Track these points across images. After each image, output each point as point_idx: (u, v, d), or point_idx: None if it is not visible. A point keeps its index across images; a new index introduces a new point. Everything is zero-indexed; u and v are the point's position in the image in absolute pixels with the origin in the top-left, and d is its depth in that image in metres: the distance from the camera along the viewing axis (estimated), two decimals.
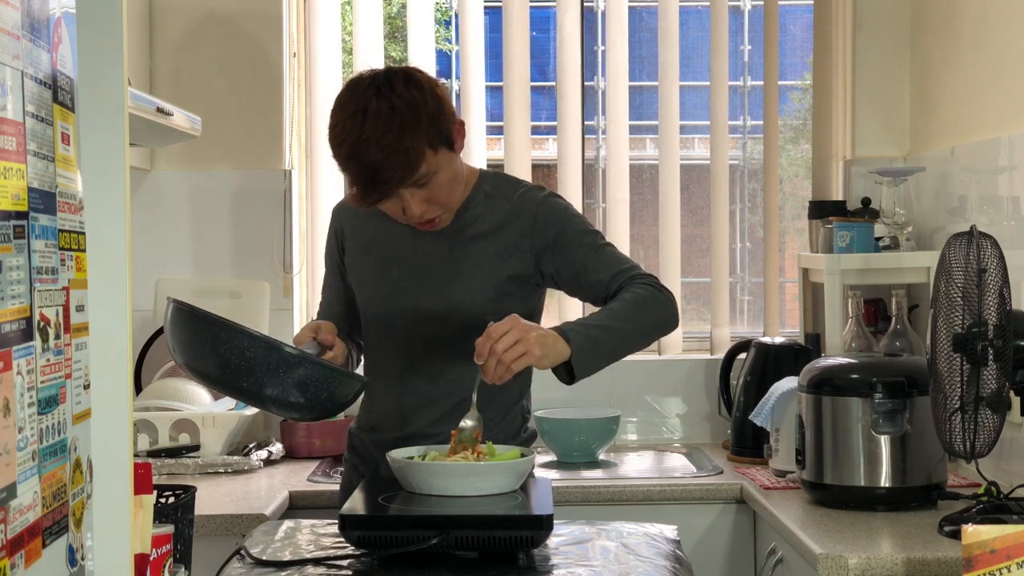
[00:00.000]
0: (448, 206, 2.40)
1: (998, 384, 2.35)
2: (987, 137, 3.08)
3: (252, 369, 2.03)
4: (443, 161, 2.33)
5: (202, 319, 2.06)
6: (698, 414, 3.78)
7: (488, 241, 2.46)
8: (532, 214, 2.45)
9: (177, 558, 1.87)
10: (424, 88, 2.32)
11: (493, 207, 2.48)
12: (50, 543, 1.15)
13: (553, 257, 2.44)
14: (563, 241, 2.43)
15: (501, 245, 2.45)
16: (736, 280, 4.51)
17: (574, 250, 2.43)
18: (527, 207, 2.46)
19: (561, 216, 2.46)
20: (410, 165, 2.27)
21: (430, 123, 2.29)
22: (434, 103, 2.31)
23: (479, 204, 2.49)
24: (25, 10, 1.12)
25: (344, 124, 2.29)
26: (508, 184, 2.54)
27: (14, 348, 1.07)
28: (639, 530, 2.25)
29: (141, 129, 2.94)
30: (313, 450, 3.52)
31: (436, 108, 2.32)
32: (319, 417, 2.22)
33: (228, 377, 2.06)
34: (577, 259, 2.43)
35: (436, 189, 2.34)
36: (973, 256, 2.36)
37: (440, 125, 2.32)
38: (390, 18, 6.41)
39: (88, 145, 1.29)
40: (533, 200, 2.47)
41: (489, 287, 2.44)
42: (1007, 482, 2.53)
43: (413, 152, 2.26)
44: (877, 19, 3.69)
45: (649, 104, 5.73)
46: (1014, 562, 1.72)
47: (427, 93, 2.32)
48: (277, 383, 2.05)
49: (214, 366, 2.06)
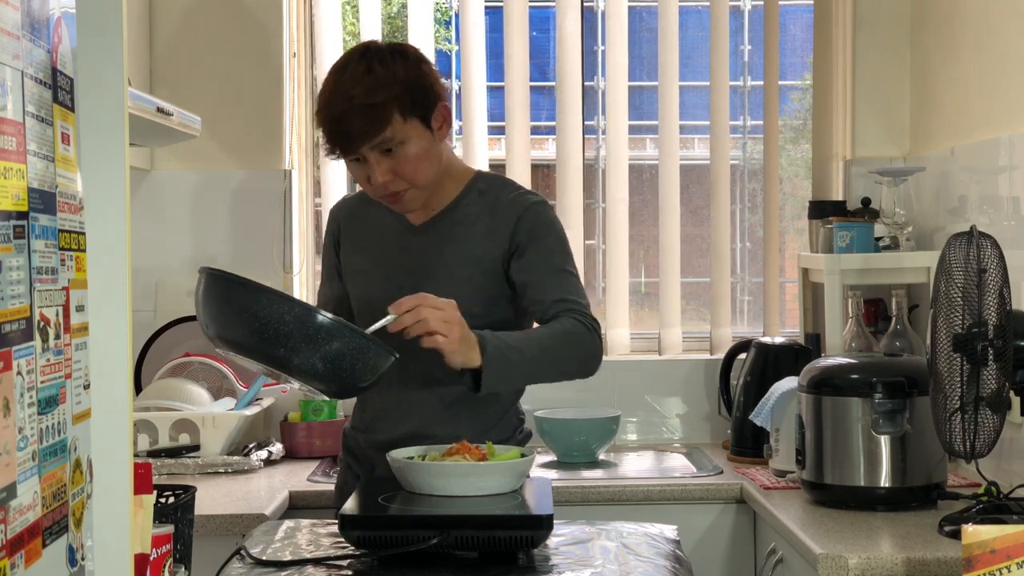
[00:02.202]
0: (415, 183, 2.39)
1: (998, 384, 2.35)
2: (987, 137, 3.08)
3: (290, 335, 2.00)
4: (413, 133, 2.34)
5: (239, 284, 2.04)
6: (698, 414, 3.78)
7: (475, 240, 2.46)
8: (517, 216, 2.45)
9: (177, 558, 1.87)
10: (408, 59, 2.37)
11: (484, 206, 2.48)
12: (50, 543, 1.15)
13: (517, 262, 2.44)
14: (531, 250, 2.43)
15: (487, 245, 2.45)
16: (736, 280, 4.50)
17: (537, 263, 2.42)
18: (515, 209, 2.46)
19: (541, 227, 2.45)
20: (375, 122, 2.31)
21: (403, 89, 2.32)
22: (414, 74, 2.35)
23: (471, 202, 2.49)
24: (25, 10, 1.12)
25: (327, 80, 2.38)
26: (502, 184, 2.55)
27: (14, 348, 1.07)
28: (639, 530, 2.25)
29: (141, 129, 2.94)
30: (313, 450, 3.52)
31: (414, 79, 2.35)
32: (346, 391, 2.18)
33: (263, 345, 2.02)
34: (534, 271, 2.42)
35: (403, 160, 2.35)
36: (973, 256, 2.36)
37: (415, 95, 2.34)
38: (390, 18, 6.41)
39: (88, 145, 1.29)
40: (522, 204, 2.47)
41: (473, 286, 2.43)
42: (1007, 482, 2.53)
43: (380, 111, 2.31)
44: (877, 19, 3.69)
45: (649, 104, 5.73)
46: (1014, 562, 1.72)
47: (410, 65, 2.36)
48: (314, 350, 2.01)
49: (250, 333, 2.01)
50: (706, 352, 3.91)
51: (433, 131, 2.39)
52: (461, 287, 2.41)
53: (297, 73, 3.83)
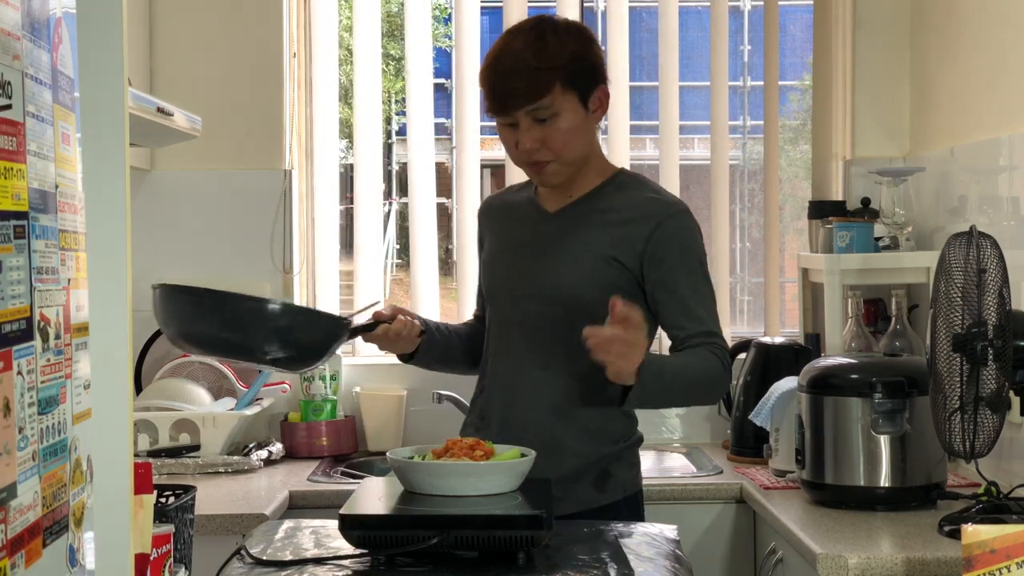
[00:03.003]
0: (560, 156, 2.42)
1: (998, 384, 2.35)
2: (987, 137, 3.08)
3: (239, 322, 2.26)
4: (569, 106, 2.38)
5: (185, 291, 2.30)
6: (698, 414, 3.78)
7: (604, 231, 2.45)
8: (659, 221, 2.42)
9: (177, 558, 1.87)
10: (580, 37, 2.42)
11: (621, 200, 2.48)
12: (50, 543, 1.15)
13: (655, 271, 2.42)
14: (672, 265, 2.41)
15: (617, 236, 2.44)
16: (736, 280, 4.51)
17: (678, 282, 2.41)
18: (657, 212, 2.44)
19: (685, 240, 2.43)
20: (535, 87, 2.35)
21: (570, 61, 2.37)
22: (582, 50, 2.40)
23: (609, 195, 2.50)
24: (25, 10, 1.12)
25: (497, 42, 2.45)
26: (643, 183, 2.54)
27: (14, 348, 1.07)
28: (639, 530, 2.25)
29: (141, 129, 2.93)
30: (313, 450, 3.52)
31: (581, 54, 2.40)
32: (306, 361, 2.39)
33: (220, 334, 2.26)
34: (675, 290, 2.40)
35: (553, 131, 2.39)
36: (973, 256, 2.36)
37: (580, 70, 2.39)
38: (389, 16, 6.41)
39: (88, 145, 1.29)
40: (665, 209, 2.45)
41: (593, 275, 2.43)
42: (1007, 482, 2.53)
43: (543, 76, 2.35)
44: (877, 19, 3.69)
45: (649, 104, 5.73)
46: (1014, 562, 1.72)
47: (581, 41, 2.41)
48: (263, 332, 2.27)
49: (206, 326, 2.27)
50: None
51: (589, 110, 2.42)
52: (580, 275, 2.42)
53: (297, 73, 3.83)
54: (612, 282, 2.41)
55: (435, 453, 2.20)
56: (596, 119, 2.46)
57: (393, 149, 12.54)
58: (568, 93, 2.38)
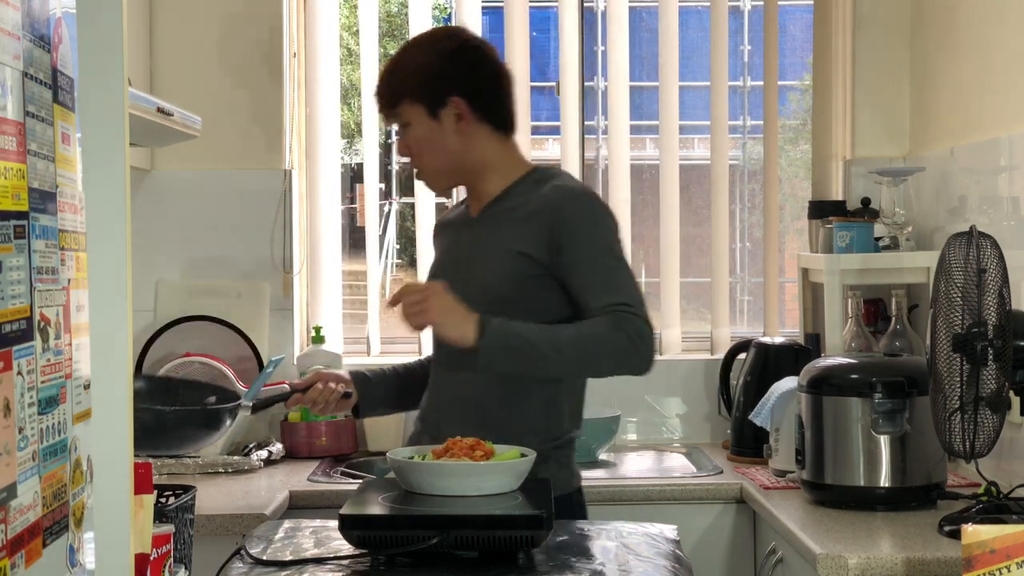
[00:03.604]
0: (417, 166, 2.57)
1: (998, 384, 2.35)
2: (987, 137, 3.08)
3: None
4: (417, 118, 2.49)
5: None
6: (698, 414, 3.78)
7: (513, 225, 2.49)
8: (559, 208, 2.45)
9: (177, 558, 1.87)
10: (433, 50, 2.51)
11: (528, 195, 2.51)
12: (50, 543, 1.15)
13: (560, 257, 2.44)
14: (574, 246, 2.43)
15: (523, 231, 2.46)
16: (736, 280, 4.51)
17: (580, 263, 2.42)
18: (558, 199, 2.46)
19: (587, 224, 2.44)
20: (387, 99, 2.53)
21: (414, 75, 2.49)
22: (430, 63, 2.49)
23: (519, 192, 2.53)
24: (25, 10, 1.12)
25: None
26: (552, 176, 2.57)
27: (14, 348, 1.07)
28: (639, 530, 2.25)
29: (141, 129, 2.94)
30: (313, 450, 3.52)
31: (428, 67, 2.49)
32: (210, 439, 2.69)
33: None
34: (579, 273, 2.42)
35: (410, 141, 2.52)
36: (973, 256, 2.36)
37: (425, 84, 2.48)
38: (389, 16, 6.42)
39: (88, 145, 1.29)
40: (567, 195, 2.48)
41: (508, 274, 2.46)
42: (1007, 482, 2.53)
43: (392, 90, 2.52)
44: (877, 19, 3.68)
45: (649, 104, 5.73)
46: (1014, 562, 1.72)
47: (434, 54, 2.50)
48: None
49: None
50: (706, 352, 3.91)
51: (440, 122, 2.48)
52: (497, 273, 2.46)
53: (297, 73, 3.83)
54: (525, 276, 2.45)
55: (435, 453, 2.21)
56: (460, 130, 2.49)
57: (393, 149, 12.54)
58: (416, 105, 2.48)
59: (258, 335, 3.64)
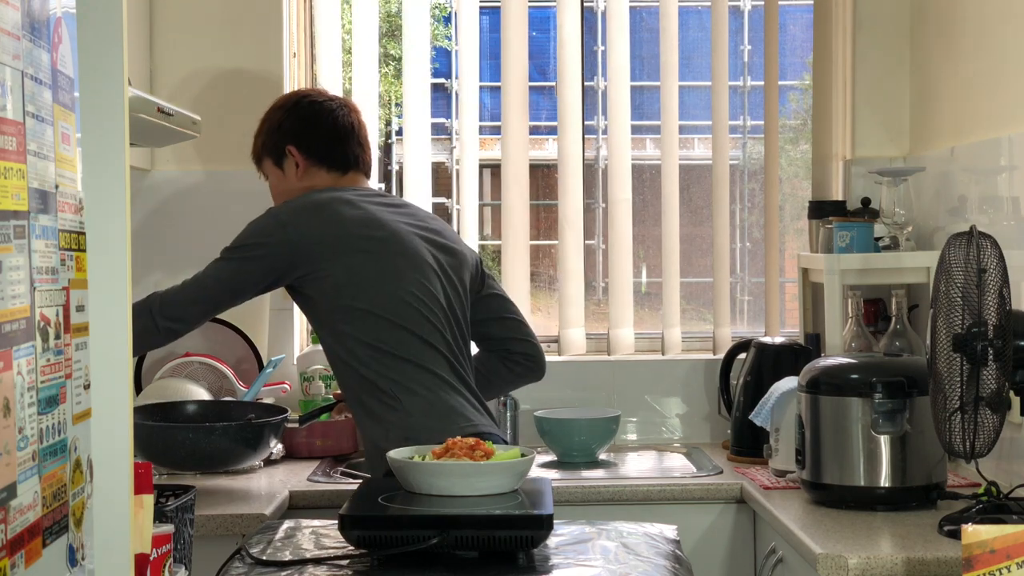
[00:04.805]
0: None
1: (998, 384, 2.35)
2: (987, 137, 3.08)
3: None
4: (269, 170, 2.90)
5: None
6: (698, 414, 3.78)
7: None
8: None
9: (177, 558, 1.87)
10: (270, 113, 2.89)
11: None
12: (50, 543, 1.15)
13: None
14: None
15: None
16: (736, 280, 4.50)
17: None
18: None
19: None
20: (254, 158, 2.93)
21: (263, 135, 2.89)
22: (272, 121, 2.88)
23: None
24: (25, 10, 1.12)
25: None
26: None
27: (14, 348, 1.07)
28: (639, 530, 2.25)
29: (141, 129, 2.94)
30: (313, 450, 3.52)
31: (269, 126, 2.88)
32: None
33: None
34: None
35: (270, 190, 2.93)
36: (973, 256, 2.36)
37: (267, 141, 2.88)
38: (388, 16, 6.41)
39: (88, 145, 1.29)
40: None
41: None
42: (1007, 482, 2.53)
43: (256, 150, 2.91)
44: (877, 19, 3.69)
45: (649, 104, 5.73)
46: (1014, 562, 1.72)
47: (271, 115, 2.89)
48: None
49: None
50: (706, 352, 3.91)
51: (284, 171, 2.86)
52: None
53: (297, 73, 3.83)
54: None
55: (435, 453, 2.21)
56: (298, 176, 2.85)
57: (393, 149, 12.54)
58: (267, 159, 2.89)
59: (258, 335, 3.64)
